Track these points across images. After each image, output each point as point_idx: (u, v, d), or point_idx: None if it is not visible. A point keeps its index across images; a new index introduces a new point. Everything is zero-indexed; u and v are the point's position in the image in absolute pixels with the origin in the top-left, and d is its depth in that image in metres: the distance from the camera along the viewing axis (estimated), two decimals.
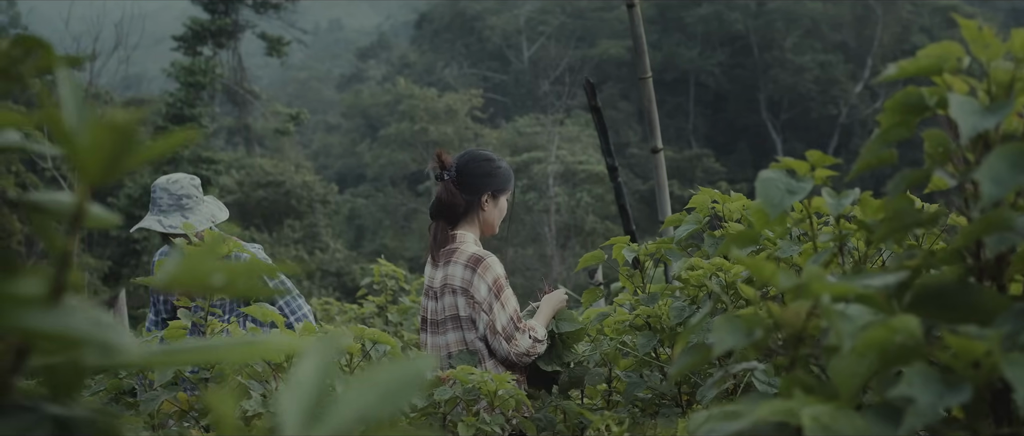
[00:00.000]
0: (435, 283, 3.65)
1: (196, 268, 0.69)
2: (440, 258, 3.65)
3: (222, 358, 0.79)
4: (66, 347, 0.60)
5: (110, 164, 0.61)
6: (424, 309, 3.70)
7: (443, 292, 3.59)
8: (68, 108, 0.63)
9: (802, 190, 1.53)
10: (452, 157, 3.80)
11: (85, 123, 0.61)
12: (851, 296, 1.14)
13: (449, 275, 3.58)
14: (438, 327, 3.61)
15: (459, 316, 3.55)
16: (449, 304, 3.57)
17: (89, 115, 0.63)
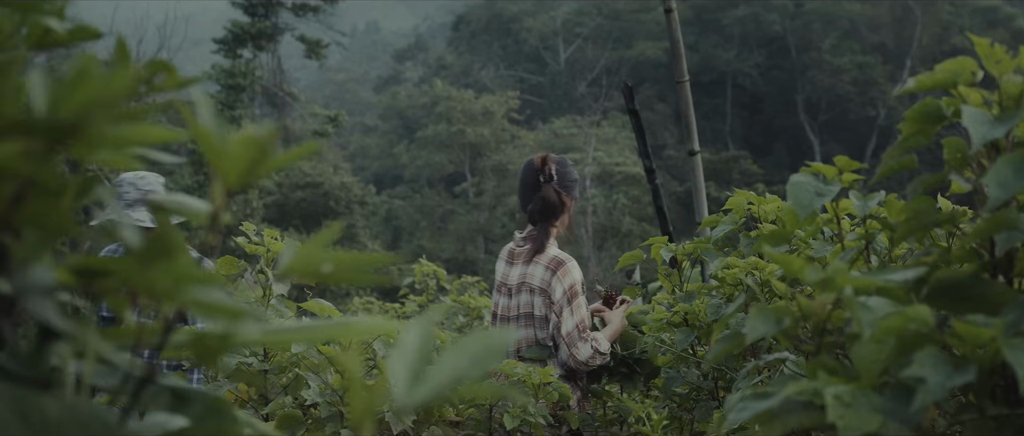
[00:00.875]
0: (511, 280, 3.77)
1: (309, 258, 0.82)
2: (519, 257, 3.78)
3: (325, 337, 0.93)
4: (229, 318, 0.73)
5: (247, 172, 0.74)
6: (495, 305, 3.82)
7: (520, 289, 3.72)
8: (207, 123, 0.76)
9: (830, 193, 1.65)
10: None
11: (225, 136, 0.74)
12: (872, 289, 1.27)
13: (529, 274, 3.71)
14: (509, 323, 3.73)
15: (533, 314, 3.68)
16: (524, 302, 3.70)
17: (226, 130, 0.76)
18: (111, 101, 0.62)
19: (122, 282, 0.73)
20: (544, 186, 3.82)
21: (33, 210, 0.66)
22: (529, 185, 3.86)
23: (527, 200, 3.87)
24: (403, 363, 0.70)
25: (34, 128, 0.60)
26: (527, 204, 3.87)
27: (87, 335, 0.75)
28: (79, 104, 0.61)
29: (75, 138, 0.62)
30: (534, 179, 3.85)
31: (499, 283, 3.84)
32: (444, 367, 0.70)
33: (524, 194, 3.89)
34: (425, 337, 0.71)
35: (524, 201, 3.89)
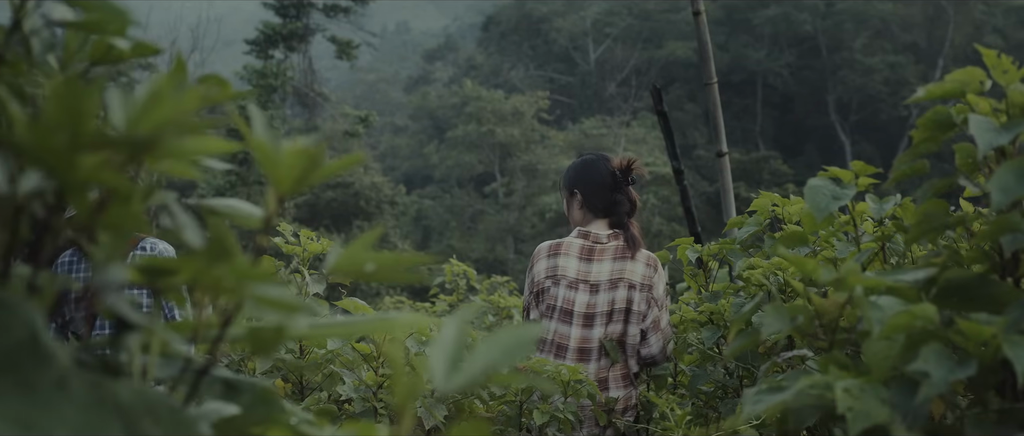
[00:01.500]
0: (595, 276, 3.80)
1: (353, 258, 0.90)
2: (604, 253, 3.84)
3: (366, 331, 1.01)
4: (286, 312, 0.81)
5: (299, 180, 0.82)
6: (569, 301, 3.83)
7: (616, 285, 3.77)
8: (260, 132, 0.84)
9: (845, 196, 1.72)
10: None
11: (279, 147, 0.82)
12: (882, 289, 1.33)
13: (627, 270, 3.77)
14: (591, 320, 3.76)
15: (631, 310, 3.74)
16: (620, 297, 3.75)
17: (281, 140, 0.84)
18: (181, 120, 0.70)
19: (187, 279, 0.81)
20: (626, 188, 3.91)
21: (112, 215, 0.73)
22: (607, 186, 3.92)
23: (600, 199, 3.93)
24: (441, 354, 0.77)
25: (115, 143, 0.68)
26: (598, 202, 3.93)
27: (155, 329, 0.83)
28: (154, 123, 0.69)
29: (149, 152, 0.70)
30: (613, 180, 3.92)
31: (574, 280, 3.83)
32: (478, 358, 0.78)
33: (597, 194, 3.94)
34: (461, 331, 0.78)
35: (594, 200, 3.94)
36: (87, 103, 0.67)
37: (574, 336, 3.72)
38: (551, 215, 40.18)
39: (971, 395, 1.46)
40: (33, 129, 0.67)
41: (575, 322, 3.75)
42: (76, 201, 0.71)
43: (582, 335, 3.72)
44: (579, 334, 3.73)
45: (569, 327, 3.72)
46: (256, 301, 0.79)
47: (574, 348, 3.68)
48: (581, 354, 3.70)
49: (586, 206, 3.94)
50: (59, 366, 0.66)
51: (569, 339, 3.72)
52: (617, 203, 3.90)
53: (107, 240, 0.76)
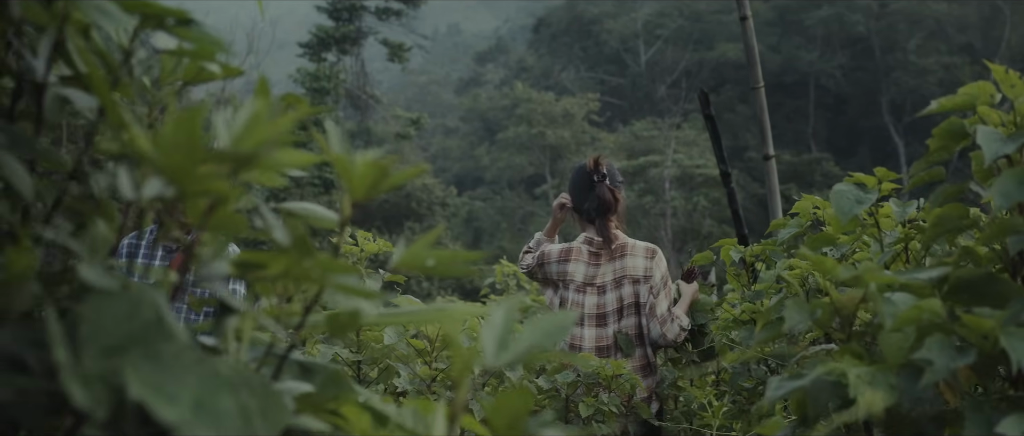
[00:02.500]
0: (604, 278, 3.97)
1: (416, 255, 1.04)
2: (603, 255, 3.99)
3: (429, 319, 1.15)
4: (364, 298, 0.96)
5: (371, 188, 0.96)
6: (578, 305, 3.98)
7: (619, 284, 3.94)
8: (337, 146, 0.98)
9: (868, 200, 1.84)
10: None
11: (354, 159, 0.96)
12: (896, 285, 1.45)
13: (627, 267, 3.96)
14: (604, 319, 3.93)
15: (637, 303, 3.92)
16: (627, 293, 3.93)
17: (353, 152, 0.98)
18: (277, 138, 0.84)
19: (277, 272, 0.95)
20: (598, 185, 4.04)
21: (219, 218, 0.88)
22: (585, 188, 4.07)
23: (584, 201, 4.08)
24: (492, 335, 0.91)
25: (223, 158, 0.82)
26: (582, 204, 4.09)
27: (250, 314, 0.97)
28: (255, 141, 0.83)
29: (250, 166, 0.84)
30: (587, 180, 4.06)
31: (581, 284, 3.99)
32: (523, 339, 0.91)
33: (579, 195, 4.11)
34: (508, 316, 0.92)
35: (580, 203, 4.10)
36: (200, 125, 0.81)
37: (588, 336, 3.89)
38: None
39: None
40: (158, 146, 0.82)
41: (587, 323, 3.91)
42: (190, 206, 0.85)
43: (597, 334, 3.90)
44: (593, 334, 3.90)
45: (581, 328, 3.89)
46: (338, 289, 0.94)
47: (590, 348, 3.85)
48: (598, 352, 3.87)
49: (577, 211, 4.11)
50: (179, 342, 0.80)
51: (582, 340, 3.89)
52: (588, 202, 4.06)
53: (213, 238, 0.91)
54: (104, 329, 0.77)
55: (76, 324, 0.78)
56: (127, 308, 0.79)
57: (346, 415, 1.07)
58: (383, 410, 1.10)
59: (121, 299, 0.79)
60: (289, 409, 0.88)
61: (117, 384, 0.75)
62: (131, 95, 1.10)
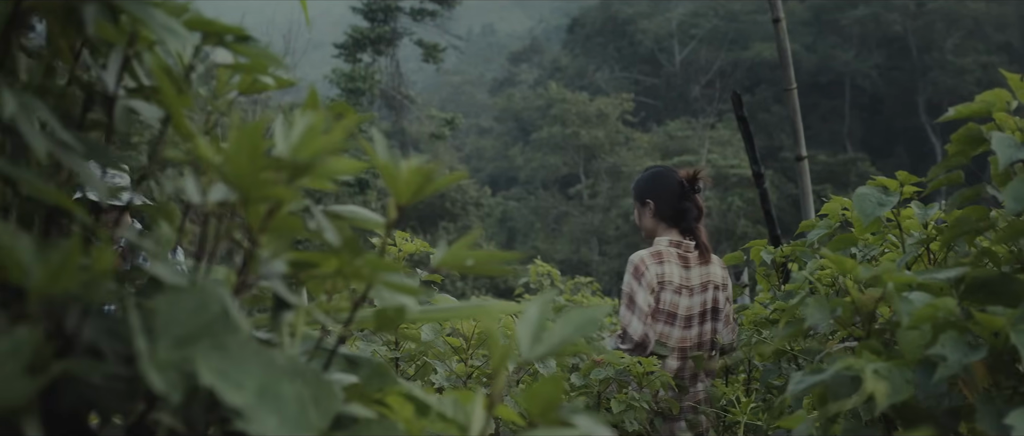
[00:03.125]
0: (693, 281, 4.09)
1: (457, 255, 1.11)
2: (693, 260, 4.12)
3: (468, 315, 1.23)
4: (410, 295, 1.04)
5: (416, 193, 1.03)
6: (674, 305, 4.08)
7: (705, 288, 4.08)
8: (383, 154, 1.06)
9: (889, 203, 1.91)
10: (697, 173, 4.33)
11: (399, 166, 1.04)
12: (913, 285, 1.52)
13: (711, 273, 4.13)
14: (690, 321, 4.04)
15: (719, 309, 4.08)
16: (710, 298, 4.07)
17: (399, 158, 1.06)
18: (332, 148, 0.92)
19: (329, 271, 1.03)
20: (695, 196, 4.18)
21: (278, 220, 0.96)
22: (676, 195, 4.18)
23: (671, 208, 4.18)
24: (526, 328, 0.99)
25: (283, 166, 0.90)
26: (668, 211, 4.18)
27: (303, 310, 1.06)
28: (312, 151, 0.91)
29: (306, 173, 0.92)
30: (681, 190, 4.18)
31: (679, 285, 4.08)
32: (555, 333, 0.99)
33: (669, 203, 4.20)
34: (542, 312, 0.99)
35: (665, 209, 4.19)
36: (262, 137, 0.90)
37: (676, 336, 3.98)
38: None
39: None
40: (224, 155, 0.90)
41: (678, 324, 4.00)
42: (251, 209, 0.93)
43: (682, 335, 3.99)
44: (680, 334, 3.99)
45: (672, 328, 3.98)
46: (387, 287, 1.02)
47: (675, 347, 3.95)
48: (680, 352, 3.97)
49: (658, 215, 4.18)
50: (243, 334, 0.88)
51: (670, 339, 3.97)
52: (686, 210, 4.15)
53: (272, 240, 0.99)
54: (176, 321, 0.85)
55: (150, 317, 0.86)
56: (196, 302, 0.87)
57: (391, 404, 1.14)
58: (425, 400, 1.18)
59: (191, 294, 0.87)
60: (339, 398, 0.95)
61: (189, 371, 0.83)
62: (191, 105, 1.19)
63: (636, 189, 4.35)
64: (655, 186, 4.27)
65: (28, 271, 0.80)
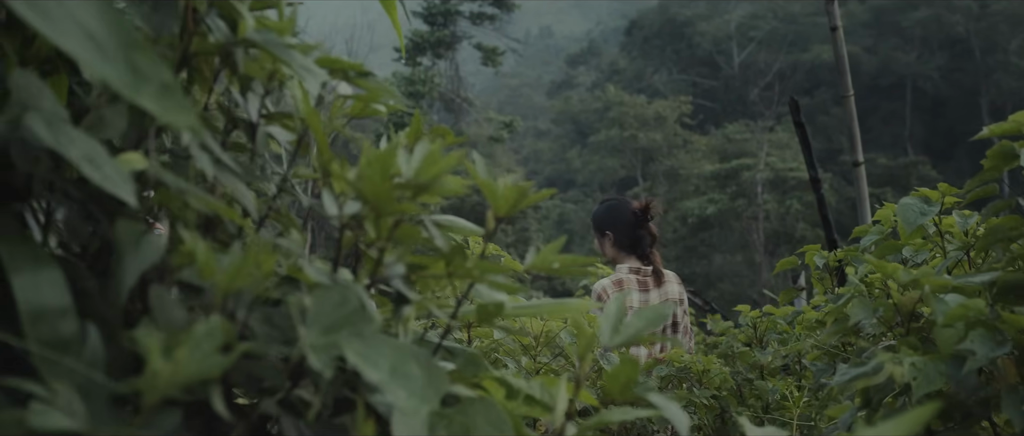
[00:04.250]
0: (651, 302, 4.44)
1: (545, 259, 1.30)
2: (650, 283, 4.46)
3: (551, 312, 1.42)
4: (508, 293, 1.23)
5: (511, 207, 1.22)
6: None
7: None
8: (483, 173, 1.25)
9: (931, 213, 2.08)
10: None
11: (498, 183, 1.23)
12: (949, 288, 1.68)
13: (668, 292, 4.51)
14: None
15: (677, 322, 4.47)
16: None
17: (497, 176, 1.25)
18: (446, 170, 1.11)
19: (438, 271, 1.23)
20: (648, 225, 4.53)
21: (402, 231, 1.15)
22: (632, 224, 4.56)
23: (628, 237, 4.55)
24: (607, 321, 1.18)
25: (408, 187, 1.09)
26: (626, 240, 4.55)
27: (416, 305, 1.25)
28: (431, 173, 1.10)
29: (426, 191, 1.12)
30: (636, 219, 4.55)
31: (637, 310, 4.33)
32: (631, 326, 1.18)
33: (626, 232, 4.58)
34: (619, 306, 1.18)
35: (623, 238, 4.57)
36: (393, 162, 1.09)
37: (643, 354, 4.31)
38: (693, 220, 40.24)
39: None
40: (357, 176, 1.10)
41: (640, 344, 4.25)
42: (382, 222, 1.13)
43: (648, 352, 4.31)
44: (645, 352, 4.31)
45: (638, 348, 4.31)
46: (492, 285, 1.21)
47: None
48: None
49: (617, 244, 4.55)
50: (376, 324, 1.08)
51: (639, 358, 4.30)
52: (641, 238, 4.52)
53: (396, 246, 1.18)
54: (324, 313, 1.05)
55: (302, 309, 1.06)
56: (339, 297, 1.07)
57: (486, 387, 1.33)
58: (515, 383, 1.37)
59: (334, 291, 1.07)
60: (447, 379, 1.14)
61: (335, 354, 1.02)
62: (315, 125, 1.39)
63: (595, 221, 4.76)
64: (612, 218, 4.64)
65: (214, 272, 1.00)
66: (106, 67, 0.81)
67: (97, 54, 0.81)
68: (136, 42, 0.83)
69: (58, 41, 0.78)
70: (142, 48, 0.84)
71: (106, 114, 1.11)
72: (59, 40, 0.78)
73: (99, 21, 0.83)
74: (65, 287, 0.98)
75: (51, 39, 0.78)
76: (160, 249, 1.06)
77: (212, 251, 1.00)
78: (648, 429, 3.22)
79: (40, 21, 0.78)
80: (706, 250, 39.94)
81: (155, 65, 0.84)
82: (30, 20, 0.77)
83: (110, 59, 0.82)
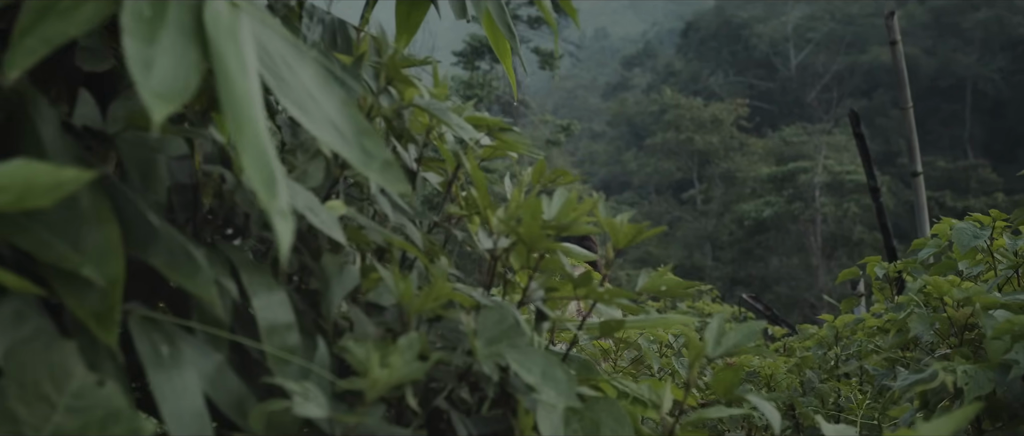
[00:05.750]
0: None
1: (656, 280, 1.57)
2: None
3: (657, 325, 1.68)
4: (627, 310, 1.50)
5: (629, 240, 1.49)
6: None
7: None
8: (604, 212, 1.52)
9: (983, 236, 2.33)
10: None
11: (618, 221, 1.50)
12: (997, 304, 1.93)
13: None
14: None
15: None
16: None
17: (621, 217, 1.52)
18: (581, 215, 1.39)
19: (567, 293, 1.50)
20: None
21: (546, 262, 1.43)
22: None
23: None
24: (711, 333, 1.44)
25: (552, 227, 1.37)
26: None
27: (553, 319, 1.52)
28: (569, 217, 1.37)
29: (565, 231, 1.39)
30: None
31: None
32: (731, 337, 1.44)
33: None
34: (721, 322, 1.45)
35: None
36: (541, 208, 1.37)
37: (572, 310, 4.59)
38: (749, 223, 40.23)
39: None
40: (508, 215, 1.38)
41: None
42: (530, 256, 1.40)
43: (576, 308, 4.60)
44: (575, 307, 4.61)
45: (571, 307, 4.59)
46: (619, 306, 1.48)
47: None
48: None
49: None
50: (527, 337, 1.35)
51: None
52: None
53: (540, 274, 1.46)
54: (487, 328, 1.32)
55: (468, 325, 1.34)
56: (498, 315, 1.34)
57: (602, 388, 1.60)
58: (625, 386, 1.64)
59: (495, 310, 1.34)
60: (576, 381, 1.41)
61: (500, 362, 1.30)
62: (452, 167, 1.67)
63: None
64: None
65: (410, 297, 1.28)
66: (346, 149, 1.09)
67: (340, 140, 1.08)
68: (366, 129, 1.11)
69: (314, 131, 1.05)
70: (370, 134, 1.11)
71: (309, 168, 1.39)
72: (315, 131, 1.06)
73: (341, 115, 1.11)
74: (290, 306, 1.26)
75: (310, 130, 1.05)
76: (356, 277, 1.35)
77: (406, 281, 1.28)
78: (730, 426, 3.47)
79: (303, 117, 1.06)
80: (762, 253, 39.91)
81: (379, 146, 1.11)
82: (297, 117, 1.05)
83: (349, 143, 1.09)
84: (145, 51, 0.90)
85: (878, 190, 6.54)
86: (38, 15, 0.91)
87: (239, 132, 0.89)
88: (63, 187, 0.86)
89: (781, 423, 3.35)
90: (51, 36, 0.91)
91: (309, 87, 1.09)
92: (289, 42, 1.10)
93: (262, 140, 0.92)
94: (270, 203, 0.89)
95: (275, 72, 1.05)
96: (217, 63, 0.93)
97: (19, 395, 0.94)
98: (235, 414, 1.16)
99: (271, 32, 1.09)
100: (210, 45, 0.94)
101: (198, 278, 1.10)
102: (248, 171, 0.87)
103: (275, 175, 0.91)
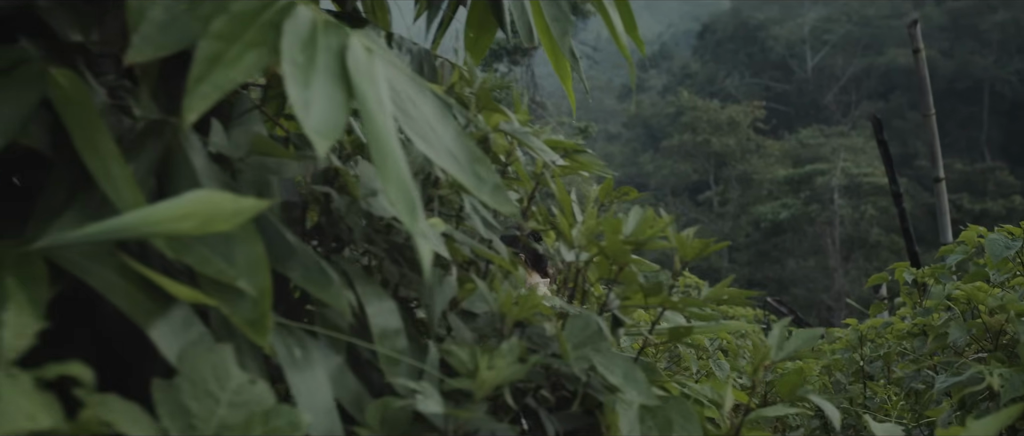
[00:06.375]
0: None
1: (716, 294, 1.71)
2: None
3: (714, 331, 1.82)
4: (696, 318, 1.64)
5: (695, 255, 1.63)
6: None
7: None
8: (672, 230, 1.66)
9: (1015, 247, 2.46)
10: None
11: (685, 237, 1.64)
12: None
13: None
14: None
15: None
16: None
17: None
18: (657, 232, 1.53)
19: (638, 302, 1.64)
20: None
21: (624, 274, 1.57)
22: None
23: None
24: (774, 339, 1.58)
25: (630, 242, 1.51)
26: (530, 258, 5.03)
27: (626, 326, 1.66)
28: (645, 235, 1.52)
29: (642, 246, 1.53)
30: None
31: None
32: (791, 343, 1.58)
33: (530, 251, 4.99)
34: (782, 328, 1.59)
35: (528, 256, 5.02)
36: (621, 227, 1.51)
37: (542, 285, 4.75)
38: (766, 225, 40.27)
39: None
40: (583, 232, 1.52)
41: None
42: (607, 267, 1.55)
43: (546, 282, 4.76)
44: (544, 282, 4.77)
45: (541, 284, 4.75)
46: (688, 314, 1.62)
47: None
48: None
49: None
50: (609, 342, 1.49)
51: None
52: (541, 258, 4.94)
53: (620, 285, 1.60)
54: (574, 334, 1.47)
55: (554, 331, 1.48)
56: (583, 322, 1.48)
57: (668, 388, 1.74)
58: (687, 386, 1.78)
59: (580, 318, 1.49)
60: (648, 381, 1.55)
61: (588, 365, 1.44)
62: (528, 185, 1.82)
63: None
64: None
65: (510, 307, 1.42)
66: (461, 174, 1.22)
67: (455, 165, 1.22)
68: (479, 157, 1.25)
69: (436, 160, 1.19)
70: (482, 160, 1.25)
71: None
72: (437, 159, 1.20)
73: (456, 143, 1.25)
74: (398, 314, 1.41)
75: (430, 157, 1.19)
76: (454, 287, 1.49)
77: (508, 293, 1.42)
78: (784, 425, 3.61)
79: (424, 145, 1.20)
80: (779, 255, 39.96)
81: (490, 172, 1.25)
82: (419, 145, 1.19)
83: (463, 169, 1.23)
84: (304, 94, 1.04)
85: (900, 195, 6.66)
86: (209, 64, 1.04)
87: (382, 164, 1.02)
88: (243, 214, 1.00)
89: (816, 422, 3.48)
90: (221, 83, 1.04)
91: (430, 120, 1.22)
92: (410, 79, 1.25)
93: (402, 171, 1.05)
94: (412, 226, 1.03)
95: (402, 108, 1.19)
96: (360, 103, 1.07)
97: (191, 392, 1.09)
98: (354, 410, 1.31)
99: (397, 71, 1.23)
100: (354, 87, 1.08)
101: (331, 290, 1.24)
102: (391, 198, 1.00)
103: (416, 202, 1.04)
